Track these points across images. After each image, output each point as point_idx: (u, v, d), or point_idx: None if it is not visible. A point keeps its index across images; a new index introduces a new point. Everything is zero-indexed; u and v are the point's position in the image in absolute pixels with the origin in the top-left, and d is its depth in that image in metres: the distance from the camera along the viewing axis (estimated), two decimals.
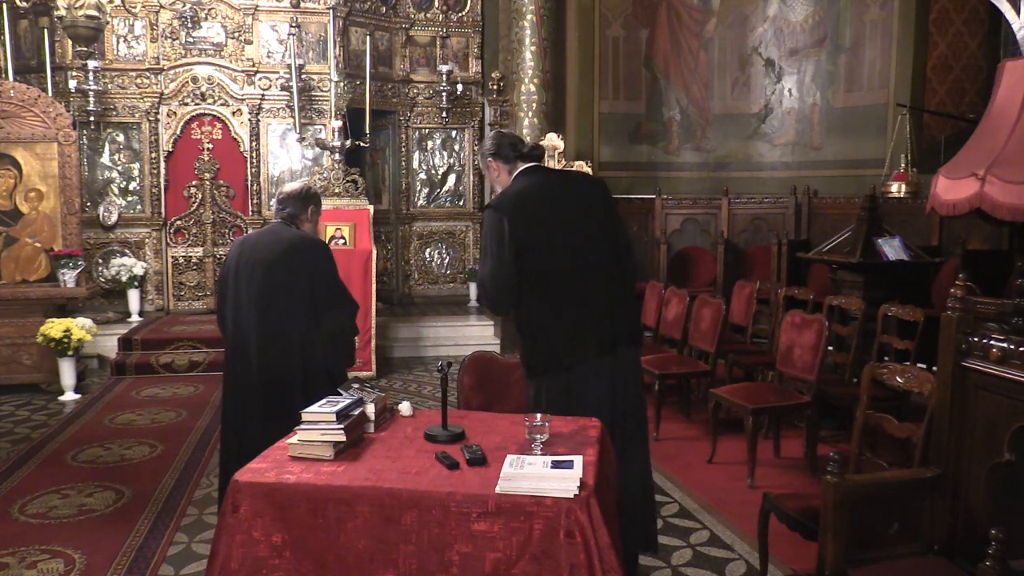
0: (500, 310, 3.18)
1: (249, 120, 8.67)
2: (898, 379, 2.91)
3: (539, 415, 2.42)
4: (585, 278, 2.93)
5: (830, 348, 4.71)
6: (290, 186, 3.56)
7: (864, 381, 3.01)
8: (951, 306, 2.59)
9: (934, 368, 2.73)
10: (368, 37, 8.81)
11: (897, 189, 6.56)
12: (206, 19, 8.50)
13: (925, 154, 7.38)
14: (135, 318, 8.27)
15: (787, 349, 4.65)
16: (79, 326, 6.22)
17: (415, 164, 9.76)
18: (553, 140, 7.90)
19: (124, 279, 8.29)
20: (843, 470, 2.40)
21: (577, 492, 2.11)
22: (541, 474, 2.17)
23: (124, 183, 8.69)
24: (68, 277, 6.61)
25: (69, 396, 6.32)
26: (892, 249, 5.17)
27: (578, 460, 2.26)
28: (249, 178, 8.74)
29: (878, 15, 8.58)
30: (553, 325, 2.91)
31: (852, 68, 8.86)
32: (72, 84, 8.25)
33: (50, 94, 7.45)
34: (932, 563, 2.51)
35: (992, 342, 2.44)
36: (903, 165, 6.63)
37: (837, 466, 2.38)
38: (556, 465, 2.22)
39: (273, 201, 3.61)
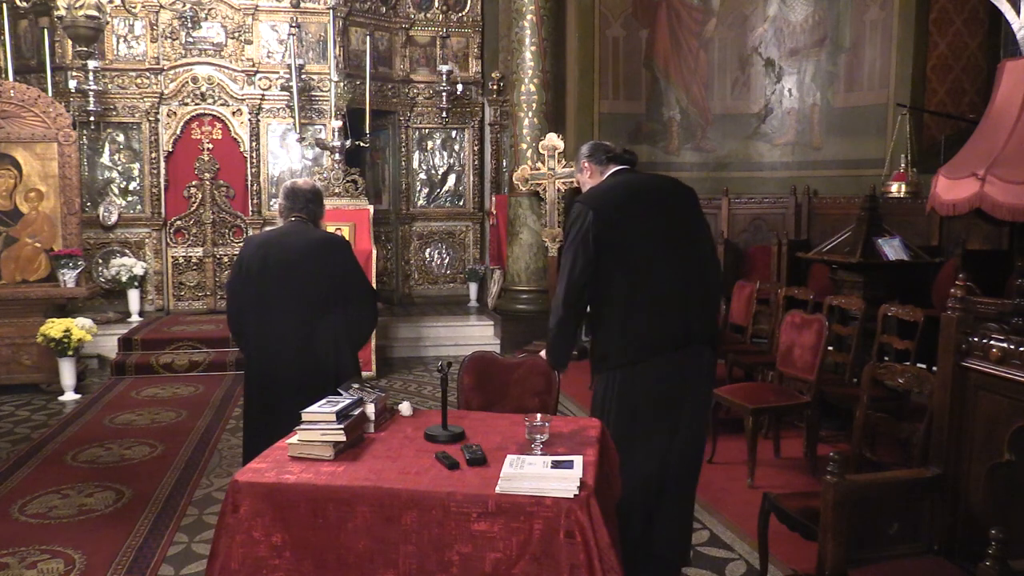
0: (572, 312, 2.94)
1: (249, 120, 8.67)
2: (898, 379, 2.91)
3: (539, 415, 2.43)
4: (664, 276, 2.92)
5: (830, 348, 4.70)
6: (304, 183, 3.39)
7: (864, 381, 3.01)
8: (951, 306, 2.59)
9: (934, 368, 2.73)
10: (368, 37, 8.81)
11: (897, 189, 6.56)
12: (206, 19, 8.50)
13: (925, 154, 7.38)
14: (135, 318, 8.27)
15: (787, 349, 4.65)
16: (79, 326, 6.22)
17: (415, 164, 9.77)
18: (553, 140, 7.88)
19: (124, 279, 8.29)
20: (843, 470, 2.40)
21: (577, 492, 2.11)
22: (541, 474, 2.17)
23: (124, 183, 8.69)
24: (68, 277, 6.61)
25: (69, 396, 6.32)
26: (892, 249, 5.16)
27: (578, 460, 2.26)
28: (249, 178, 8.74)
29: (878, 15, 8.57)
30: (628, 319, 2.90)
31: (852, 68, 8.85)
32: (72, 84, 8.26)
33: (50, 94, 7.45)
34: (932, 563, 2.51)
35: (992, 342, 2.44)
36: (903, 165, 6.62)
37: (837, 466, 2.38)
38: (556, 465, 2.22)
39: (279, 199, 3.48)
